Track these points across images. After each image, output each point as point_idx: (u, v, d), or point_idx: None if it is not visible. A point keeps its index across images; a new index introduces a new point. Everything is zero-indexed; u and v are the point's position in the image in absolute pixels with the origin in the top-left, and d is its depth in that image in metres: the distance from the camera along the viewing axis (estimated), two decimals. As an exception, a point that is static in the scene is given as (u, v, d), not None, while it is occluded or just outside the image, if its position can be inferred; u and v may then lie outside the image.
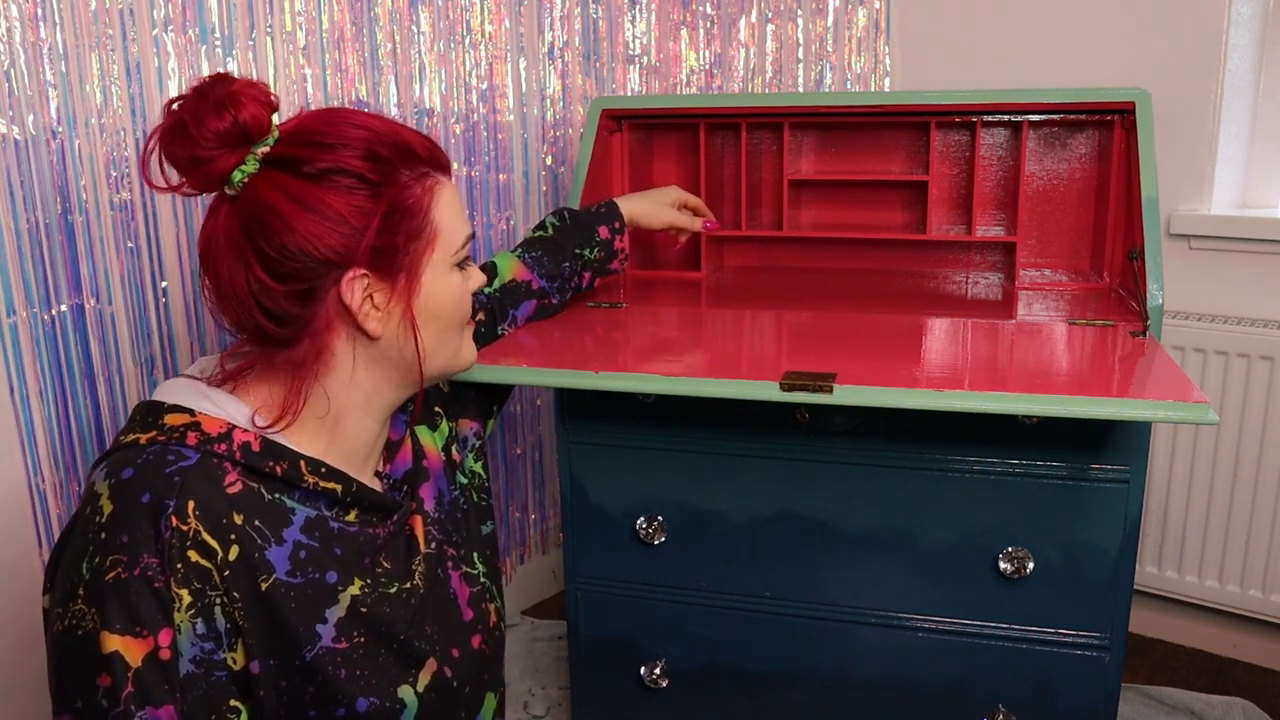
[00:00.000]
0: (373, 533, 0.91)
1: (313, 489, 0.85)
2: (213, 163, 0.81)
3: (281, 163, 0.82)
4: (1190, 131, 1.81)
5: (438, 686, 0.93)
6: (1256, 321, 1.77)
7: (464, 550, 1.03)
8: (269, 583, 0.81)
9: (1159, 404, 0.94)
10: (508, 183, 1.97)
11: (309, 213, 0.80)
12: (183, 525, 0.76)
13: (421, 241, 0.86)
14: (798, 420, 1.28)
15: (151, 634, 0.75)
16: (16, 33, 1.27)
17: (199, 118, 0.79)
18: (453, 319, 0.91)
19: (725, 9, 2.11)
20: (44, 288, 1.35)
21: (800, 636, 1.35)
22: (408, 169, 0.85)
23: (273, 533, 0.82)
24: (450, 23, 1.81)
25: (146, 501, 0.76)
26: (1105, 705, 1.25)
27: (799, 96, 1.61)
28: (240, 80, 0.82)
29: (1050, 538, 1.23)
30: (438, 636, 0.95)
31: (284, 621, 0.82)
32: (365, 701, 0.86)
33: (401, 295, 0.85)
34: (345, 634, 0.86)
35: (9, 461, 1.35)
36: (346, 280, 0.82)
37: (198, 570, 0.77)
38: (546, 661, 1.92)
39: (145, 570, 0.75)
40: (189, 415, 0.81)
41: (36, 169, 1.31)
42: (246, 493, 0.81)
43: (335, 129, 0.82)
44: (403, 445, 0.99)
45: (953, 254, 1.63)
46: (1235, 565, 1.85)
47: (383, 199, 0.83)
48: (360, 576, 0.88)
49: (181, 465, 0.78)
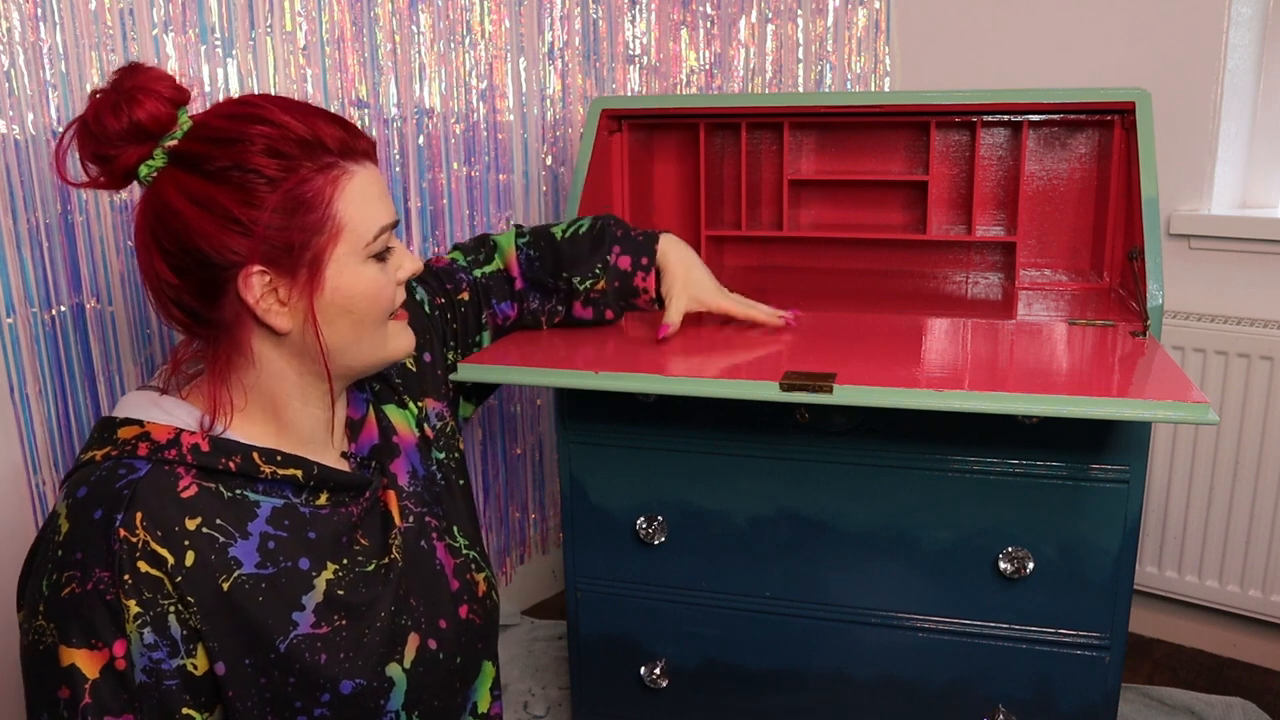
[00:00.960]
0: (346, 511, 0.91)
1: (272, 479, 0.86)
2: (117, 160, 0.81)
3: (184, 159, 0.81)
4: (1190, 131, 1.81)
5: (424, 661, 0.93)
6: (1256, 321, 1.77)
7: (445, 522, 1.02)
8: (231, 581, 0.81)
9: (1159, 404, 0.95)
10: (508, 183, 1.97)
11: (203, 211, 0.80)
12: (131, 537, 0.77)
13: (323, 236, 0.83)
14: (798, 420, 1.28)
15: (106, 645, 0.77)
16: (16, 33, 1.27)
17: (99, 117, 0.80)
18: (369, 312, 0.87)
19: (725, 9, 2.11)
20: (44, 288, 1.35)
21: (800, 636, 1.35)
22: (311, 162, 0.82)
23: (236, 529, 0.83)
24: (450, 23, 1.81)
25: (98, 518, 0.78)
26: (1105, 705, 1.25)
27: (799, 96, 1.61)
28: (146, 73, 0.81)
29: (1050, 538, 1.23)
30: (423, 609, 0.95)
31: (252, 617, 0.82)
32: (350, 684, 0.86)
33: (304, 290, 0.83)
34: (324, 618, 0.86)
35: (9, 461, 1.35)
36: (243, 276, 0.82)
37: (148, 580, 0.78)
38: (546, 661, 1.92)
39: (98, 584, 0.77)
40: (139, 427, 0.83)
41: (36, 169, 1.31)
42: (203, 494, 0.82)
43: (239, 125, 0.81)
44: (365, 423, 0.99)
45: (953, 254, 1.63)
46: (1235, 565, 1.85)
47: (276, 192, 0.81)
48: (336, 559, 0.89)
49: (132, 478, 0.79)
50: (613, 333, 1.28)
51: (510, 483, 2.12)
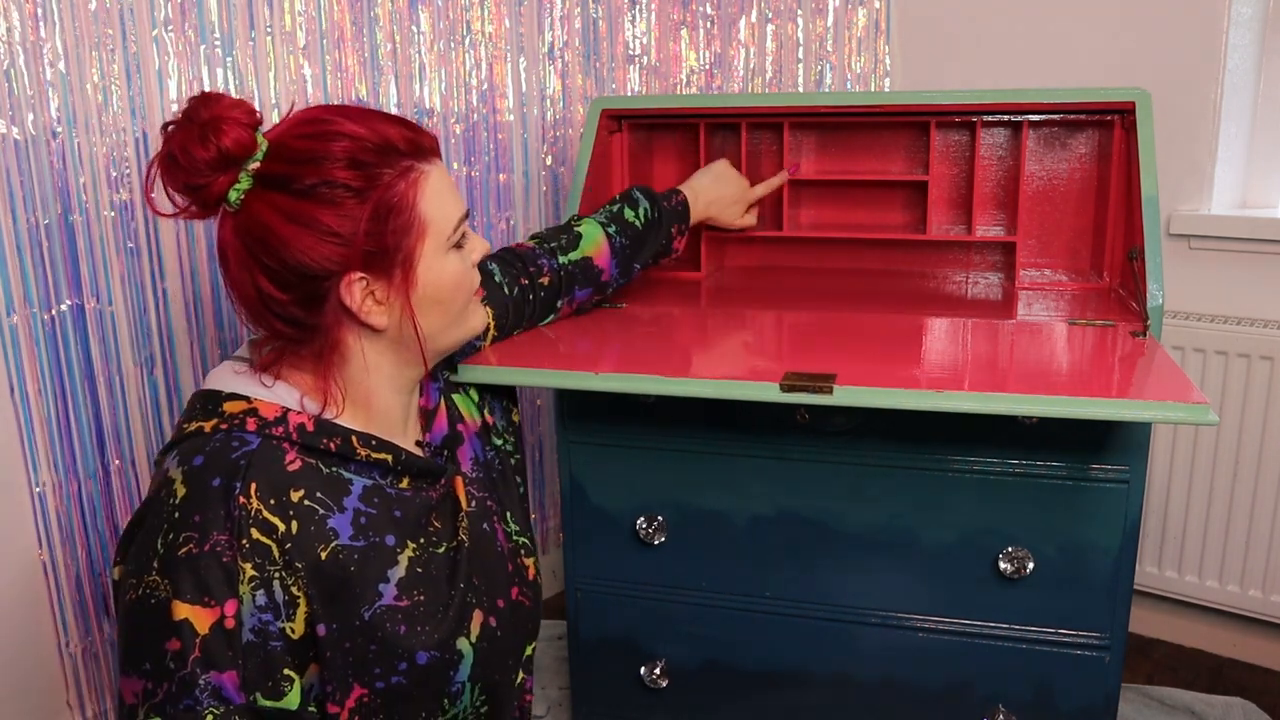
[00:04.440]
0: (426, 495, 0.98)
1: (366, 460, 0.92)
2: (208, 188, 0.86)
3: (272, 180, 0.86)
4: (1190, 131, 1.81)
5: (487, 637, 0.99)
6: (1256, 321, 1.77)
7: (502, 507, 1.09)
8: (329, 550, 0.87)
9: (1159, 404, 0.95)
10: (508, 183, 1.97)
11: (301, 228, 0.85)
12: (248, 505, 0.83)
13: (412, 235, 0.89)
14: (798, 420, 1.28)
15: (218, 604, 0.81)
16: (16, 33, 1.27)
17: (186, 149, 0.85)
18: (455, 298, 0.95)
19: (725, 9, 2.11)
20: (44, 288, 1.35)
21: (800, 637, 1.35)
22: (390, 168, 0.88)
23: (334, 502, 0.89)
24: (450, 23, 1.81)
25: (217, 485, 0.83)
26: (1105, 705, 1.25)
27: (799, 96, 1.61)
28: (223, 102, 0.86)
29: (1050, 538, 1.23)
30: (484, 588, 1.01)
31: (345, 584, 0.88)
32: (425, 655, 0.92)
33: (400, 289, 0.90)
34: (406, 592, 0.92)
35: (9, 461, 1.35)
36: (345, 284, 0.88)
37: (259, 547, 0.83)
38: (546, 661, 1.92)
39: (215, 546, 0.82)
40: (246, 402, 0.88)
41: (36, 169, 1.31)
42: (306, 469, 0.88)
43: (317, 144, 0.86)
44: (438, 412, 1.05)
45: (953, 254, 1.63)
46: (1235, 565, 1.85)
47: (367, 203, 0.86)
48: (415, 539, 0.95)
49: (245, 450, 0.85)
50: (613, 332, 1.28)
51: (510, 483, 2.12)
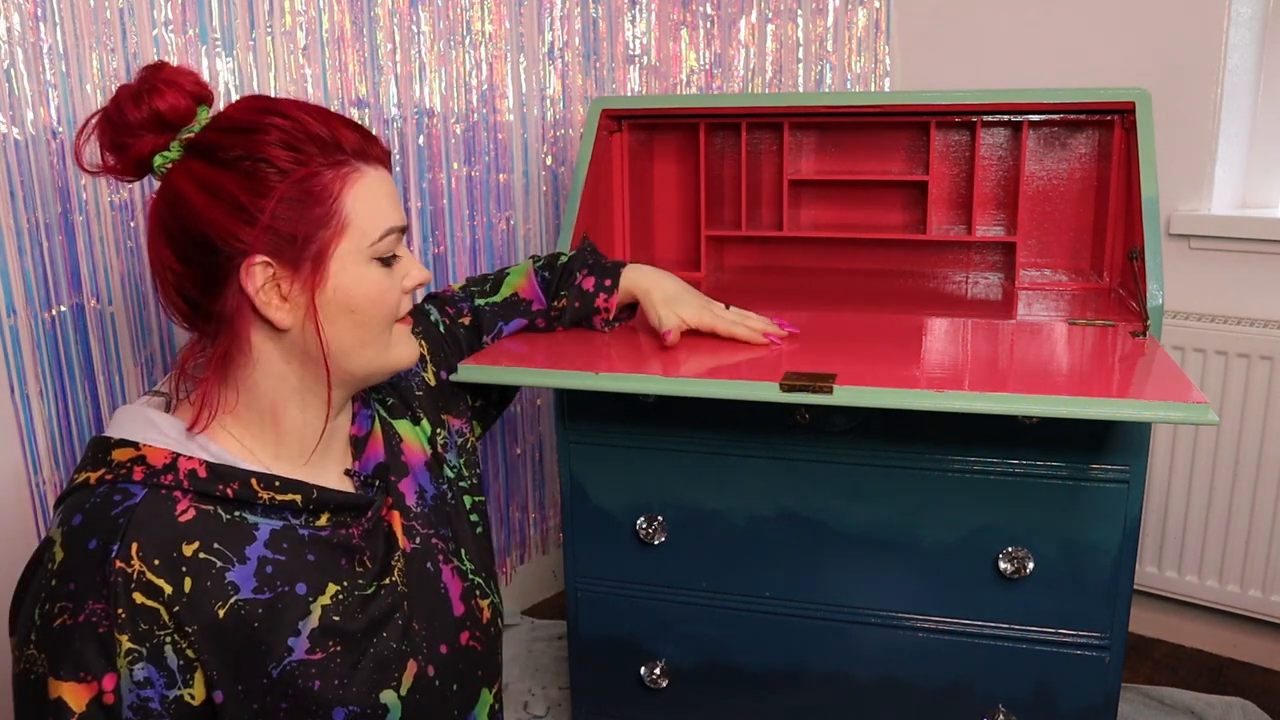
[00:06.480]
0: (347, 533, 0.90)
1: (270, 504, 0.84)
2: (132, 148, 0.82)
3: (200, 149, 0.82)
4: (1190, 131, 1.81)
5: (421, 688, 0.92)
6: (1256, 321, 1.77)
7: (454, 544, 1.01)
8: (227, 607, 0.80)
9: (1159, 404, 0.95)
10: (508, 183, 1.97)
11: (210, 197, 0.80)
12: (127, 568, 0.76)
13: (329, 230, 0.83)
14: (798, 420, 1.28)
15: (95, 679, 0.76)
16: (16, 33, 1.27)
17: (121, 106, 0.82)
18: (370, 314, 0.86)
19: (725, 9, 2.11)
20: (44, 287, 1.35)
21: (800, 636, 1.35)
22: (324, 158, 0.83)
23: (234, 552, 0.82)
24: (450, 23, 1.81)
25: (93, 548, 0.77)
26: (1105, 705, 1.25)
27: (799, 96, 1.61)
28: (170, 69, 0.83)
29: (1050, 538, 1.23)
30: (425, 634, 0.94)
31: (247, 642, 0.81)
32: (343, 711, 0.85)
33: (306, 285, 0.83)
34: (319, 644, 0.85)
35: (9, 460, 1.35)
36: (245, 266, 0.81)
37: (144, 612, 0.77)
38: (546, 661, 1.92)
39: (90, 616, 0.76)
40: (134, 449, 0.81)
41: (36, 169, 1.31)
42: (201, 518, 0.81)
43: (257, 117, 0.82)
44: (370, 440, 0.97)
45: (953, 254, 1.63)
46: (1235, 565, 1.85)
47: (285, 183, 0.81)
48: (336, 581, 0.87)
49: (128, 504, 0.78)
50: (613, 333, 1.28)
51: (510, 483, 2.12)
